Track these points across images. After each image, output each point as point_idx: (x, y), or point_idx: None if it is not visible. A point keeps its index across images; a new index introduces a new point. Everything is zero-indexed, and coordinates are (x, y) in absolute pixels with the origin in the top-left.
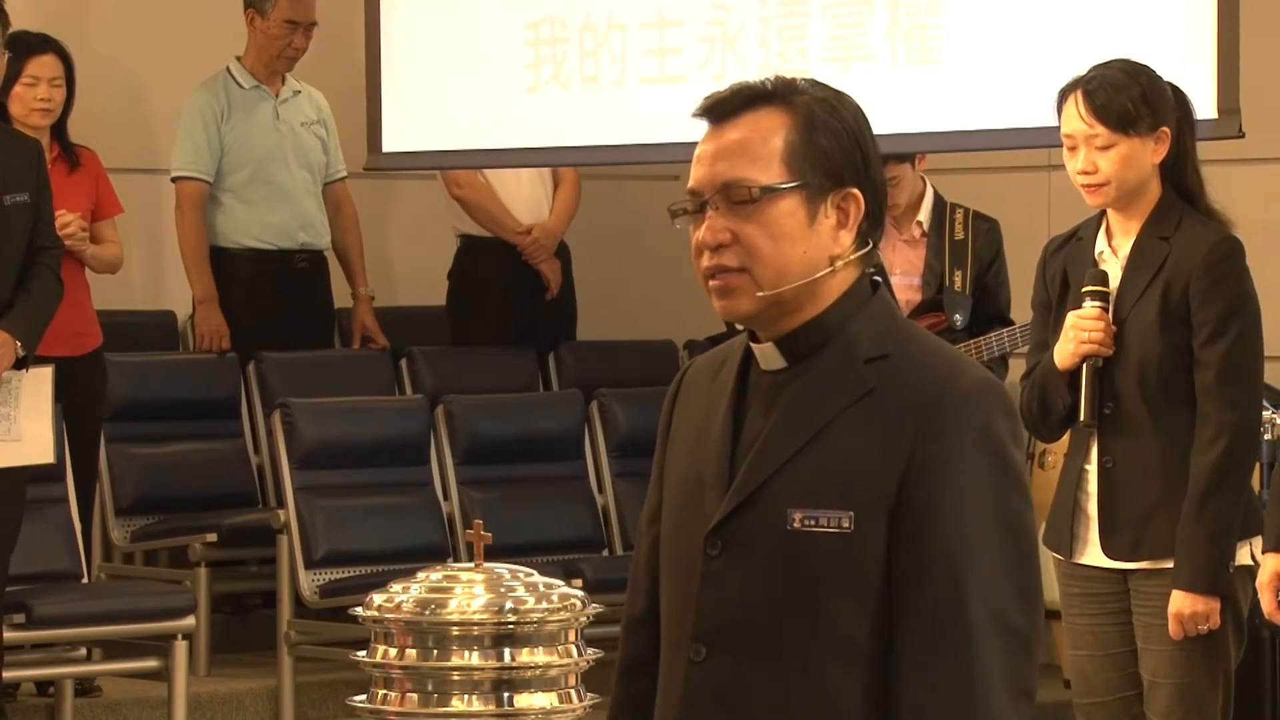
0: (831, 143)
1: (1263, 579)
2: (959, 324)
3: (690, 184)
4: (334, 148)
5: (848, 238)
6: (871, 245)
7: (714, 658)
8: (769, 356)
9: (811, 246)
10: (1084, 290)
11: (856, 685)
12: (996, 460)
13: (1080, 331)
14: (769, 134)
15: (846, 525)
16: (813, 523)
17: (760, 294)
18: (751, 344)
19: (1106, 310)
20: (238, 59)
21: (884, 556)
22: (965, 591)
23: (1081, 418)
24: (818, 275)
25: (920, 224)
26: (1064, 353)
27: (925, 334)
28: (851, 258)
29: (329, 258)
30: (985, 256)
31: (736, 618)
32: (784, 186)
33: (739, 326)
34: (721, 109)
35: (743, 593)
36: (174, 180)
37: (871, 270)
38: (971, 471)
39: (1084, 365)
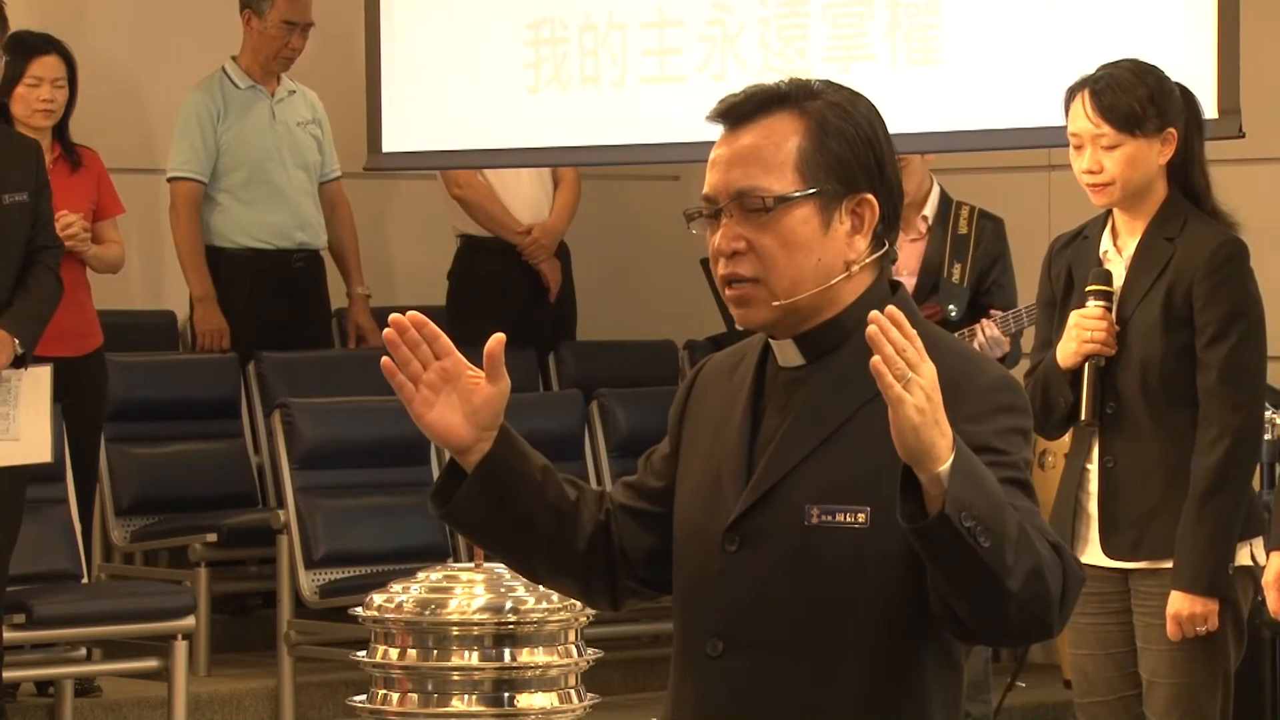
0: (844, 148)
1: (1268, 578)
2: (954, 315)
3: (705, 189)
4: (329, 148)
5: (862, 242)
6: (888, 246)
7: (731, 652)
8: (787, 354)
9: (826, 254)
10: (1088, 289)
11: (873, 680)
12: (1013, 440)
13: (1083, 331)
14: (782, 140)
15: (862, 520)
16: (829, 518)
17: (776, 303)
18: (770, 341)
19: (1110, 310)
20: (234, 59)
21: (902, 551)
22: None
23: (1083, 417)
24: (833, 281)
25: (925, 219)
26: (1066, 351)
27: (945, 334)
28: (867, 261)
29: (325, 257)
30: (990, 254)
31: (754, 612)
32: (797, 195)
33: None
34: (735, 113)
35: (760, 587)
36: (169, 180)
37: (891, 264)
38: (988, 447)
39: (1086, 364)
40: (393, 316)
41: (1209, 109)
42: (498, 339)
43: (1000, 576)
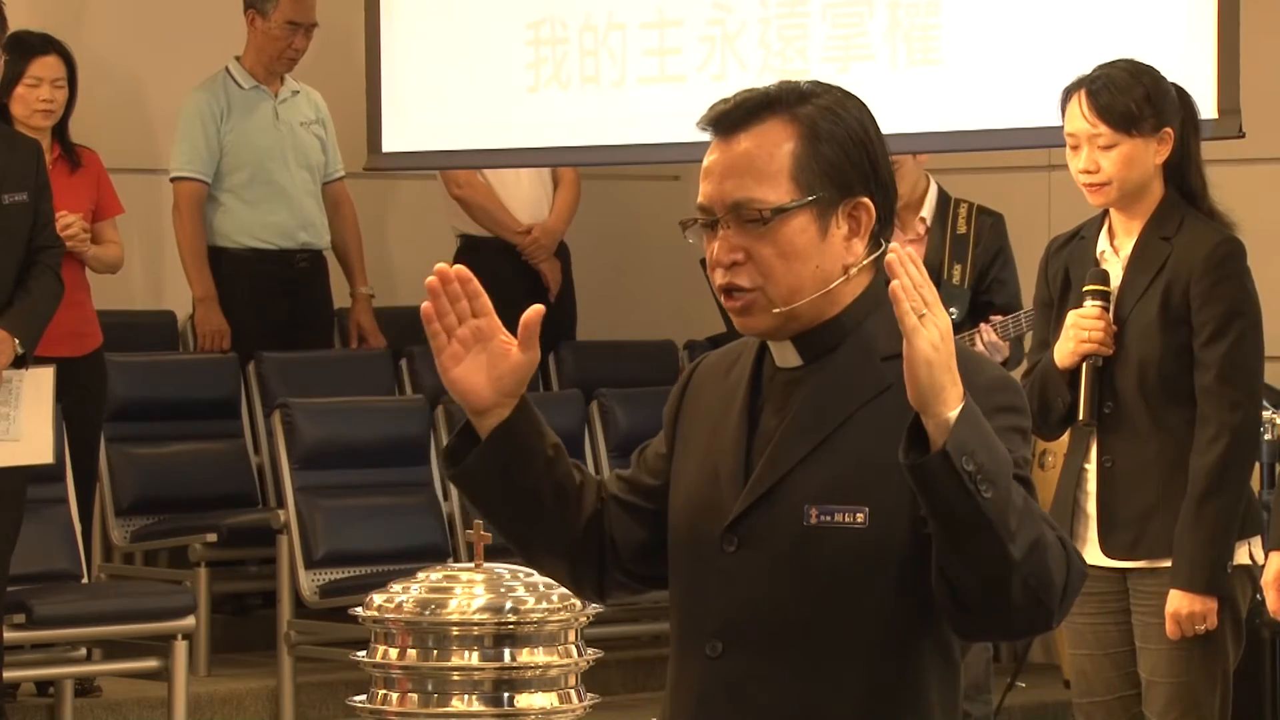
0: (838, 152)
1: (1267, 577)
2: (954, 317)
3: (700, 199)
4: (332, 147)
5: (860, 245)
6: (885, 246)
7: (730, 653)
8: (785, 354)
9: (825, 260)
10: (1085, 289)
11: (872, 680)
12: (1012, 440)
13: (1080, 330)
14: (775, 148)
15: (861, 520)
16: (828, 518)
17: (776, 311)
18: (768, 342)
19: (1107, 310)
20: (237, 59)
21: (901, 552)
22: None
23: (1080, 416)
24: (831, 285)
25: (924, 220)
26: (1064, 351)
27: None
28: (865, 262)
29: (328, 258)
30: (990, 250)
31: (753, 613)
32: (794, 205)
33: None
34: (726, 121)
35: (759, 588)
36: (172, 180)
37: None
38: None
39: (1084, 364)
40: (438, 266)
41: (1209, 109)
42: (536, 310)
43: (1003, 539)
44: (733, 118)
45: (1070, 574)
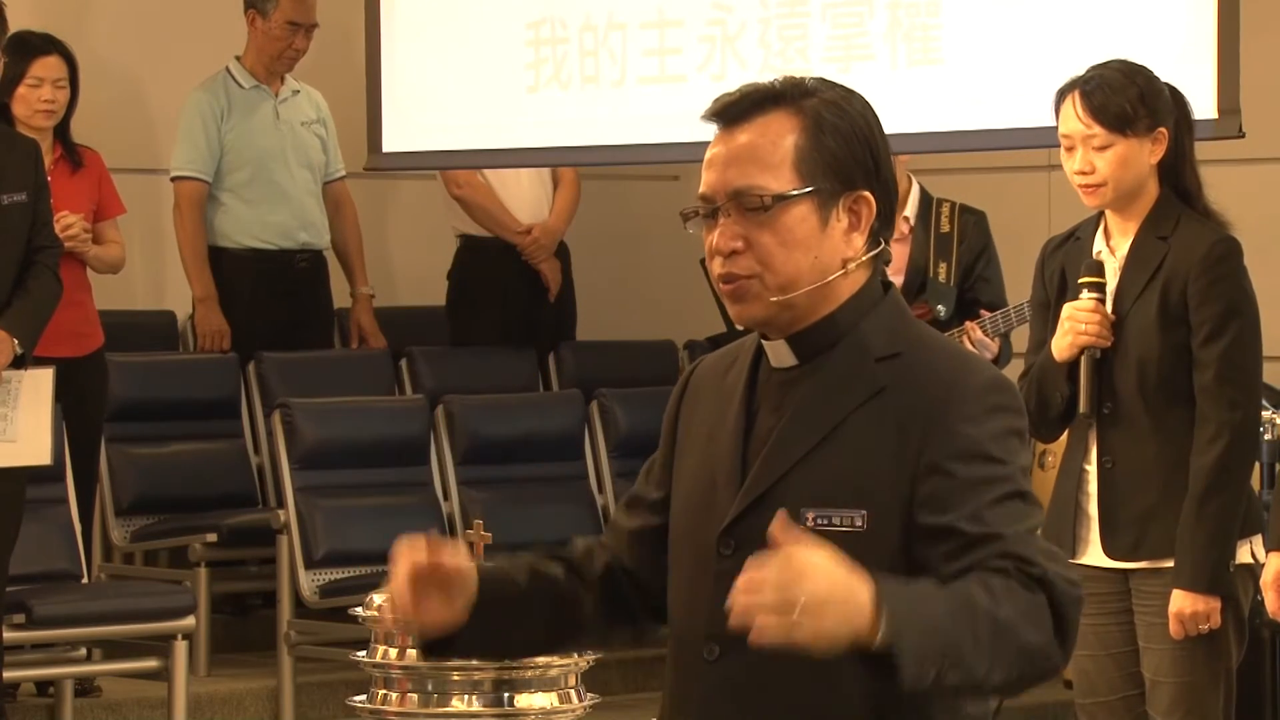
0: (841, 145)
1: (1267, 578)
2: (942, 315)
3: (701, 188)
4: (333, 147)
5: (860, 240)
6: (883, 245)
7: (728, 656)
8: (780, 354)
9: (824, 251)
10: (1080, 281)
11: (871, 682)
12: (1010, 445)
13: (1076, 323)
14: (779, 138)
15: (859, 524)
16: (825, 522)
17: (773, 299)
18: (763, 341)
19: (1102, 301)
20: (237, 59)
21: (897, 555)
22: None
23: (1081, 408)
24: (830, 278)
25: (907, 219)
26: (1061, 344)
27: (936, 334)
28: (863, 259)
29: (329, 257)
30: (974, 248)
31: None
32: (796, 194)
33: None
34: (730, 112)
35: None
36: (173, 180)
37: (885, 264)
38: (985, 454)
39: (1082, 357)
40: (383, 605)
41: (1209, 109)
42: (455, 564)
43: (980, 685)
44: (737, 109)
45: (1064, 616)
